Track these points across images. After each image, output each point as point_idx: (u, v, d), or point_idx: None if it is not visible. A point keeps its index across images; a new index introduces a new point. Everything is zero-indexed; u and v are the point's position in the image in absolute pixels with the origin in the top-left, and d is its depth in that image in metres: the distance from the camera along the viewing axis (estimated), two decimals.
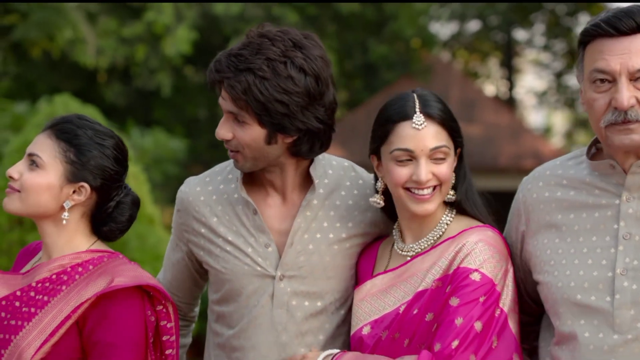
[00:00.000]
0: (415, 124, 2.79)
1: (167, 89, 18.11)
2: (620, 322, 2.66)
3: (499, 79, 28.13)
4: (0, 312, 2.76)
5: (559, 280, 2.77)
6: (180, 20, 17.50)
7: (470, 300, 2.75)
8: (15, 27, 15.24)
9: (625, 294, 2.67)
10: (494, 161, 18.26)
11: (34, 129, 7.41)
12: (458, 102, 19.27)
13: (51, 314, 2.72)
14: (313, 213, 2.95)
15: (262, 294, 2.92)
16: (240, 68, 2.79)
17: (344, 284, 2.97)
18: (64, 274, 2.78)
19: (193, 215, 3.02)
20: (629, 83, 2.67)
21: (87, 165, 2.79)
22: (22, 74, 18.23)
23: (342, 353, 2.86)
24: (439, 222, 2.89)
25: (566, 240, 2.80)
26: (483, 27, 24.60)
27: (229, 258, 2.95)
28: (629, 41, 2.67)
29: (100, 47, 16.67)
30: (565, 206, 2.83)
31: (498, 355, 2.76)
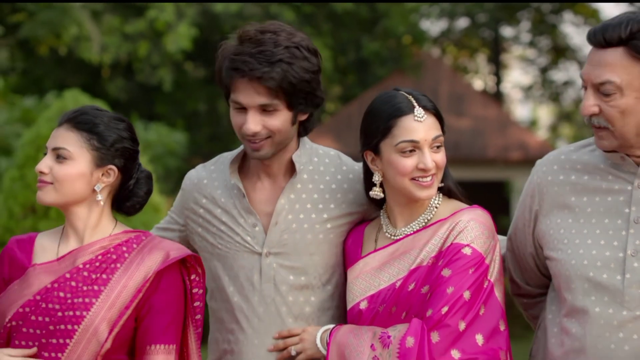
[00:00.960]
0: (417, 117, 2.91)
1: (169, 84, 18.17)
2: (629, 300, 2.73)
3: (486, 74, 28.06)
4: (58, 292, 2.84)
5: (572, 258, 2.83)
6: (181, 17, 17.51)
7: (461, 272, 2.85)
8: (23, 25, 15.25)
9: (635, 274, 2.73)
10: (482, 153, 18.25)
11: (46, 122, 7.49)
12: (447, 96, 19.28)
13: (117, 290, 2.83)
14: (297, 195, 3.09)
15: (251, 269, 3.06)
16: (272, 61, 2.91)
17: (327, 261, 3.09)
18: (109, 253, 2.89)
19: (195, 196, 3.17)
20: (595, 92, 2.74)
21: (110, 149, 2.89)
22: (30, 69, 18.23)
23: (339, 326, 2.99)
24: (428, 206, 3.03)
25: (579, 221, 2.86)
26: (471, 25, 24.51)
27: (224, 235, 3.10)
28: (600, 54, 2.73)
29: (105, 43, 16.69)
30: (579, 189, 2.90)
31: (485, 321, 2.87)
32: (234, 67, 2.92)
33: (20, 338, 2.84)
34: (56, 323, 2.82)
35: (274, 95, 2.94)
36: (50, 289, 2.85)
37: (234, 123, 3.01)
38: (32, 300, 2.85)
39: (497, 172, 18.17)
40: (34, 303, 2.85)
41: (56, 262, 2.91)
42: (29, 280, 2.89)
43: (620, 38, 2.69)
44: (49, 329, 2.82)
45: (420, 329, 2.84)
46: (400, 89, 3.02)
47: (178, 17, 17.49)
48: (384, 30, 19.34)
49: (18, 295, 2.87)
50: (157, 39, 17.67)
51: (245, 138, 3.00)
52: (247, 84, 2.93)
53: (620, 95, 2.70)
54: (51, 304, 2.84)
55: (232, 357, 3.09)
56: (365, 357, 2.86)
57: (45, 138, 7.45)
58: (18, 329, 2.85)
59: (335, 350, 2.93)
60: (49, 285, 2.86)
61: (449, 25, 24.88)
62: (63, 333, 2.82)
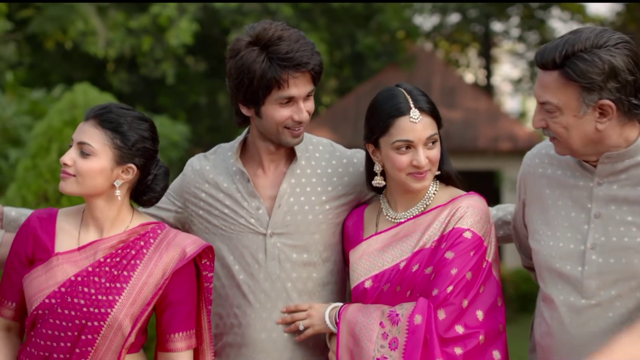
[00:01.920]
0: (412, 118, 3.02)
1: (171, 78, 18.17)
2: (587, 290, 2.84)
3: (477, 67, 27.97)
4: (83, 287, 2.92)
5: (544, 249, 2.96)
6: (182, 13, 17.48)
7: (463, 254, 2.98)
8: (32, 20, 15.26)
9: (592, 266, 2.84)
10: (473, 143, 18.29)
11: (57, 114, 7.51)
12: (440, 89, 19.31)
13: (137, 287, 2.92)
14: (297, 180, 3.22)
15: (256, 249, 3.17)
16: (315, 51, 3.08)
17: (327, 239, 3.22)
18: (128, 248, 2.98)
19: (197, 181, 3.28)
20: (541, 109, 2.86)
21: (132, 149, 2.95)
22: (37, 63, 18.24)
23: (347, 305, 3.09)
24: (426, 193, 3.13)
25: (551, 213, 2.97)
26: (463, 20, 24.36)
27: (227, 218, 3.21)
28: (542, 75, 2.84)
29: (109, 38, 16.69)
30: (552, 183, 2.99)
31: (484, 298, 2.99)
32: (297, 63, 3.03)
33: (47, 327, 2.92)
34: (82, 318, 2.90)
35: (315, 81, 3.11)
36: (74, 282, 2.93)
37: (278, 117, 3.09)
38: (58, 292, 2.92)
39: (488, 162, 18.23)
40: (59, 295, 2.92)
41: (77, 251, 2.99)
42: (53, 270, 2.96)
43: (555, 62, 2.77)
44: (75, 323, 2.90)
45: (427, 307, 2.94)
46: (402, 85, 3.11)
47: (180, 13, 17.48)
48: (379, 25, 19.31)
49: (44, 285, 2.94)
50: (159, 34, 17.66)
51: (289, 127, 3.11)
52: (301, 76, 3.06)
53: (560, 114, 2.80)
54: (76, 298, 2.91)
55: (240, 330, 3.19)
56: (375, 333, 2.95)
57: (56, 129, 7.52)
58: (44, 318, 2.92)
59: (345, 328, 3.02)
60: (73, 278, 2.93)
61: (441, 21, 24.76)
62: (91, 329, 2.90)
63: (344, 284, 3.33)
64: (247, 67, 3.05)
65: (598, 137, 2.81)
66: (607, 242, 2.83)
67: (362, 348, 2.95)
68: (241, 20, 18.00)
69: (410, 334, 2.91)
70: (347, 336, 3.00)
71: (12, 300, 3.03)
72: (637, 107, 2.78)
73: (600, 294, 2.83)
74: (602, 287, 2.83)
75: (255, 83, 3.05)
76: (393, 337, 2.93)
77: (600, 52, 2.72)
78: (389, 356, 2.91)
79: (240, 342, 3.19)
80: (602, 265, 2.84)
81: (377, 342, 2.94)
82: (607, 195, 2.86)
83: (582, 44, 2.75)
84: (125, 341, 2.92)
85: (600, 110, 2.77)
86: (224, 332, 3.23)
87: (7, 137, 10.68)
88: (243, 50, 3.07)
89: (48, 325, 2.91)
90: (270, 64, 3.03)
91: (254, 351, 3.17)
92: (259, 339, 3.17)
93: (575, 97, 2.77)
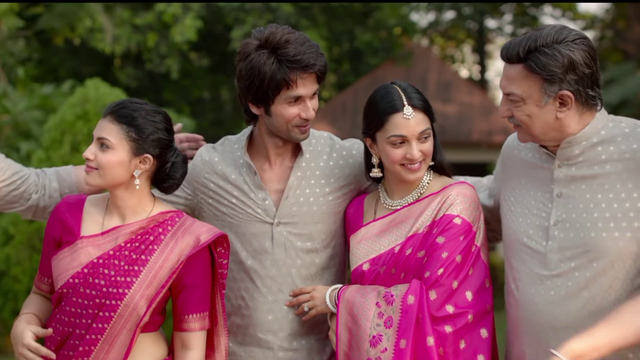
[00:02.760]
0: (405, 114, 3.15)
1: (175, 73, 18.17)
2: (549, 262, 3.00)
3: (472, 63, 27.95)
4: (104, 269, 3.07)
5: (514, 224, 3.13)
6: (187, 10, 17.48)
7: (453, 239, 3.11)
8: (41, 17, 15.31)
9: (555, 241, 3.00)
10: (467, 136, 18.29)
11: (69, 108, 7.64)
12: (436, 84, 19.32)
13: (154, 271, 3.06)
14: (302, 173, 3.34)
15: (263, 236, 3.30)
16: (320, 53, 3.19)
17: (329, 227, 3.35)
18: (147, 234, 3.11)
19: (207, 172, 3.39)
20: (506, 99, 3.01)
21: (147, 140, 3.08)
22: (46, 59, 18.28)
23: (346, 287, 3.22)
24: (420, 183, 3.26)
25: (522, 192, 3.14)
26: (458, 17, 24.35)
27: (235, 207, 3.33)
28: (507, 69, 3.00)
29: (116, 35, 16.65)
30: (524, 165, 3.16)
31: (473, 280, 3.11)
32: (305, 65, 3.14)
33: (70, 305, 3.07)
34: (101, 297, 3.04)
35: (320, 81, 3.22)
36: (96, 264, 3.07)
37: (287, 115, 3.20)
38: (81, 273, 3.06)
39: (482, 154, 18.25)
40: (82, 275, 3.06)
41: (100, 235, 3.12)
42: (77, 252, 3.10)
43: (519, 55, 2.93)
44: (95, 301, 3.04)
45: (419, 288, 3.06)
46: (397, 83, 3.24)
47: (184, 10, 17.47)
48: (376, 22, 19.32)
49: (69, 266, 3.09)
50: (164, 30, 17.69)
51: (297, 125, 3.22)
52: (308, 77, 3.17)
53: (524, 104, 2.97)
54: (97, 279, 3.05)
55: (248, 311, 3.32)
56: (371, 313, 3.07)
57: (68, 123, 7.63)
58: (68, 296, 3.07)
59: (344, 307, 3.14)
60: (95, 260, 3.07)
61: (436, 18, 24.72)
62: (108, 307, 3.03)
63: (344, 267, 3.46)
64: (258, 69, 3.14)
65: (558, 125, 2.97)
66: (568, 218, 2.99)
67: (359, 326, 3.08)
68: (243, 18, 18.02)
69: (404, 313, 3.03)
70: (345, 315, 3.12)
71: (48, 276, 3.21)
72: (594, 98, 2.96)
73: (561, 265, 2.98)
74: (563, 259, 2.98)
75: (266, 84, 3.14)
76: (388, 316, 3.05)
77: (560, 47, 2.89)
78: (384, 334, 3.04)
79: (248, 323, 3.32)
80: (564, 240, 2.99)
81: (374, 321, 3.06)
82: (567, 176, 3.02)
83: (544, 39, 2.90)
84: (140, 320, 3.04)
85: (560, 100, 2.93)
86: (231, 312, 3.35)
87: (18, 131, 10.77)
88: (253, 53, 3.16)
89: (71, 303, 3.06)
90: (279, 66, 3.12)
91: (260, 331, 3.30)
92: (265, 320, 3.30)
93: (537, 88, 2.92)
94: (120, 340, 3.04)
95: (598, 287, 2.92)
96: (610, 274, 2.91)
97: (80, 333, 3.05)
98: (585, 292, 2.92)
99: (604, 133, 2.99)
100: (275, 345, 3.30)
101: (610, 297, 2.92)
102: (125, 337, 3.04)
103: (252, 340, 3.32)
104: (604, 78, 14.49)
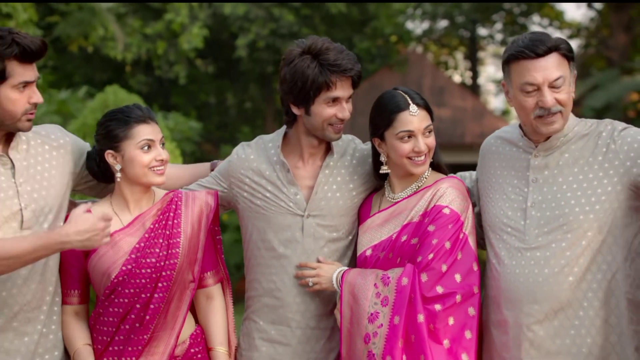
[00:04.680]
0: (411, 112, 3.40)
1: (183, 79, 18.24)
2: (528, 237, 3.30)
3: (464, 69, 27.93)
4: (147, 250, 3.34)
5: (494, 208, 3.43)
6: (194, 20, 17.59)
7: (442, 227, 3.32)
8: (57, 26, 15.46)
9: (533, 219, 3.32)
10: (460, 139, 18.26)
11: (90, 113, 7.83)
12: (430, 89, 19.36)
13: (187, 237, 3.39)
14: (330, 171, 3.57)
15: (294, 228, 3.53)
16: (355, 61, 3.42)
17: (350, 220, 3.59)
18: (164, 213, 3.41)
19: (243, 167, 3.61)
20: (549, 89, 3.27)
21: None
22: (61, 66, 18.37)
23: (349, 270, 3.45)
24: (419, 177, 3.49)
25: (498, 181, 3.46)
26: (451, 25, 24.42)
27: (269, 201, 3.56)
28: (545, 60, 3.26)
29: (127, 43, 16.71)
30: (501, 157, 3.49)
31: (461, 264, 3.33)
32: (344, 69, 3.38)
33: (128, 287, 3.34)
34: (156, 271, 3.33)
35: (355, 86, 3.45)
36: (139, 248, 3.35)
37: (325, 115, 3.42)
38: (130, 259, 3.33)
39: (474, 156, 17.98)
40: (132, 260, 3.33)
41: (127, 228, 3.38)
42: (118, 244, 3.35)
43: (549, 48, 3.27)
44: (152, 277, 3.33)
45: (412, 272, 3.30)
46: (399, 88, 3.49)
47: (191, 20, 17.57)
48: (373, 30, 19.35)
49: (115, 257, 3.34)
50: (173, 39, 17.78)
51: (333, 124, 3.45)
52: (346, 80, 3.41)
53: (565, 84, 3.30)
54: (147, 259, 3.35)
55: (279, 293, 3.56)
56: (370, 293, 3.32)
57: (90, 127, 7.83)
58: (123, 283, 3.33)
59: (347, 288, 3.38)
60: (137, 245, 3.35)
61: (430, 26, 24.65)
62: (165, 278, 3.34)
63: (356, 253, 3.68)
64: (301, 72, 3.36)
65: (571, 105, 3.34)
66: (543, 200, 3.31)
67: (359, 305, 3.31)
68: (248, 27, 18.13)
69: (398, 293, 3.26)
70: (348, 295, 3.36)
71: (75, 289, 3.41)
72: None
73: (539, 239, 3.29)
74: (541, 234, 3.29)
75: (308, 85, 3.36)
76: (384, 295, 3.28)
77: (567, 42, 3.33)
78: (380, 311, 3.27)
79: (278, 304, 3.55)
80: (540, 218, 3.30)
81: (372, 300, 3.30)
82: (541, 164, 3.35)
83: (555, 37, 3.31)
84: (189, 282, 3.40)
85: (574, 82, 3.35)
86: (262, 294, 3.58)
87: None
88: (296, 58, 3.38)
89: (129, 285, 3.33)
90: (321, 69, 3.36)
91: (289, 311, 3.54)
92: (294, 302, 3.54)
93: (569, 70, 3.31)
94: (174, 305, 3.36)
95: (572, 255, 3.24)
96: (583, 243, 3.24)
97: (139, 308, 3.32)
98: (562, 260, 3.24)
99: (576, 129, 3.36)
100: (303, 324, 3.54)
101: (583, 264, 3.24)
102: (177, 301, 3.36)
103: (282, 319, 3.55)
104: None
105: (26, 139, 3.33)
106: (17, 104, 3.17)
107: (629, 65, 16.08)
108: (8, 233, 3.19)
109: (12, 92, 3.16)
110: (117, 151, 3.33)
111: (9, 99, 3.16)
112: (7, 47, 3.09)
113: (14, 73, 3.14)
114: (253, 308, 3.61)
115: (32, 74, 3.18)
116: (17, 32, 3.11)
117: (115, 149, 3.33)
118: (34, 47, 3.12)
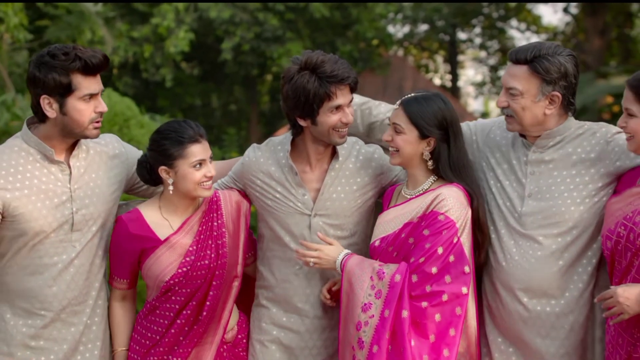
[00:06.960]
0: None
1: (169, 81, 18.31)
2: (524, 223, 3.55)
3: (444, 72, 28.10)
4: (200, 252, 3.53)
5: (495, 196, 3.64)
6: (180, 23, 17.63)
7: (436, 232, 3.42)
8: (48, 29, 15.46)
9: (529, 207, 3.55)
10: None
11: None
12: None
13: (231, 236, 3.60)
14: (335, 173, 3.71)
15: (302, 225, 3.69)
16: (350, 69, 3.54)
17: (355, 219, 3.73)
18: (208, 214, 3.59)
19: (254, 169, 3.76)
20: (506, 92, 3.51)
21: None
22: None
23: (349, 257, 3.55)
24: (429, 179, 3.58)
25: (497, 172, 3.66)
26: (431, 29, 24.49)
27: (278, 201, 3.71)
28: (514, 68, 3.48)
29: (115, 46, 16.73)
30: (499, 149, 3.69)
31: (453, 266, 3.41)
32: (341, 78, 3.50)
33: (184, 287, 3.52)
34: (209, 272, 3.54)
35: (353, 91, 3.58)
36: (192, 251, 3.52)
37: (330, 122, 3.55)
38: (185, 262, 3.51)
39: None
40: (189, 263, 3.51)
41: (177, 233, 3.54)
42: (174, 247, 3.51)
43: (526, 58, 3.46)
44: (206, 277, 3.51)
45: (405, 270, 3.42)
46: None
47: (177, 24, 17.62)
48: (356, 34, 19.48)
49: (171, 259, 3.51)
50: (159, 42, 17.87)
51: (338, 130, 3.58)
52: (344, 88, 3.54)
53: (522, 97, 3.49)
54: (201, 261, 3.52)
55: (291, 285, 3.73)
56: (365, 284, 3.45)
57: None
58: (180, 284, 3.51)
59: (345, 276, 3.52)
60: (191, 248, 3.52)
61: (411, 30, 24.70)
62: (217, 277, 3.54)
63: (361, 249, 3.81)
64: (302, 87, 3.47)
65: (542, 120, 3.51)
66: (539, 191, 3.55)
67: (355, 294, 3.45)
68: (233, 30, 18.16)
69: (391, 288, 3.39)
70: (346, 283, 3.49)
71: (124, 278, 3.57)
72: (572, 105, 3.54)
73: (533, 226, 3.53)
74: (535, 221, 3.53)
75: (311, 98, 3.49)
76: (378, 289, 3.42)
77: (560, 58, 3.45)
78: (373, 302, 3.41)
79: (290, 294, 3.73)
80: (536, 207, 3.54)
81: (367, 291, 3.43)
82: (538, 159, 3.58)
83: (546, 50, 3.45)
84: (234, 279, 3.60)
85: (550, 99, 3.47)
86: (274, 285, 3.76)
87: None
88: (296, 75, 3.49)
89: (186, 285, 3.51)
90: (320, 82, 3.47)
91: (299, 301, 3.72)
92: (304, 293, 3.72)
93: (536, 87, 3.45)
94: (222, 299, 3.56)
95: (563, 243, 3.48)
96: (574, 232, 3.48)
97: (194, 305, 3.51)
98: (554, 245, 3.47)
99: (572, 131, 3.57)
100: (311, 314, 3.72)
101: (574, 252, 3.48)
102: (225, 295, 3.57)
103: (293, 309, 3.73)
104: None
105: (86, 148, 3.55)
106: (84, 113, 3.37)
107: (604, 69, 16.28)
108: (60, 235, 3.43)
109: (79, 103, 3.36)
110: (170, 168, 3.47)
111: (76, 110, 3.35)
112: (71, 61, 3.29)
113: (79, 86, 3.34)
114: (265, 295, 3.78)
115: (97, 87, 3.40)
116: (80, 48, 3.30)
117: (169, 166, 3.47)
118: (95, 60, 3.31)
